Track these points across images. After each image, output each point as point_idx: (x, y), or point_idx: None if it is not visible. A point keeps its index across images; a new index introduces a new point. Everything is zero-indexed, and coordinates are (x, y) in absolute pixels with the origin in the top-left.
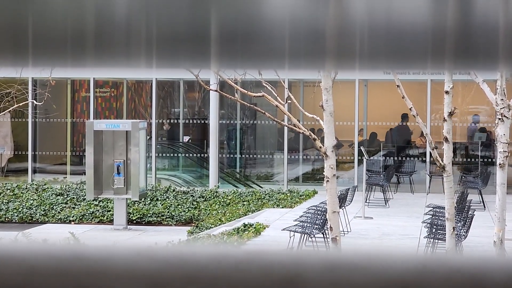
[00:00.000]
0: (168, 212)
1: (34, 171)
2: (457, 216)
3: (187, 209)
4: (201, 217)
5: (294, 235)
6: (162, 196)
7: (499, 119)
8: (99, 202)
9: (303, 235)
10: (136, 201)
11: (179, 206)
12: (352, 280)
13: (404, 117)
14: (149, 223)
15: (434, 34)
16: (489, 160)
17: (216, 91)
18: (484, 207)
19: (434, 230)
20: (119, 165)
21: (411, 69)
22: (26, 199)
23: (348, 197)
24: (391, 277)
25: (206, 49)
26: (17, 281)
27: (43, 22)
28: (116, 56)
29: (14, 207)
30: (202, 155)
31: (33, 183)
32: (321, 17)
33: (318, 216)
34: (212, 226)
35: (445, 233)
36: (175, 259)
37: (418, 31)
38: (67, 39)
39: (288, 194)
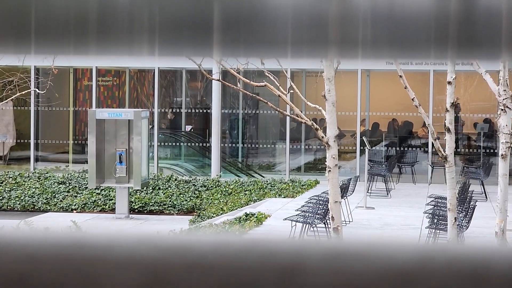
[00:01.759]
0: (170, 201)
1: (36, 160)
2: (458, 207)
3: (189, 198)
4: (203, 206)
5: (295, 225)
6: (164, 185)
7: (502, 110)
8: (101, 191)
9: (304, 225)
10: (138, 190)
11: (181, 195)
12: (353, 269)
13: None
14: (151, 212)
15: (437, 22)
16: (491, 150)
17: (218, 80)
18: (486, 197)
19: (435, 221)
20: (121, 154)
21: (414, 58)
22: (28, 187)
23: (350, 187)
24: (393, 266)
25: (208, 37)
26: (19, 269)
27: (45, 9)
28: (118, 44)
29: (16, 195)
30: (204, 144)
31: (35, 172)
32: (324, 5)
33: (320, 206)
34: (214, 215)
35: (447, 224)
36: (177, 248)
37: (421, 19)
38: (70, 26)
39: (290, 184)
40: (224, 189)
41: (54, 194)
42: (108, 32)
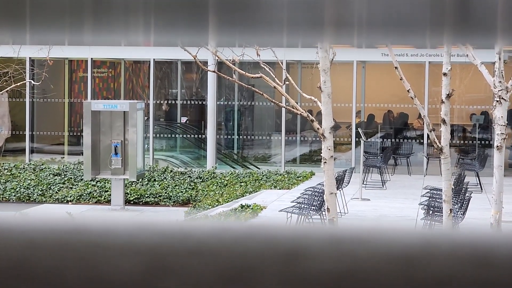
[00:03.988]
0: (165, 192)
1: (32, 151)
2: (454, 198)
3: (184, 190)
4: (199, 198)
5: (291, 216)
6: (160, 177)
7: (497, 101)
8: (96, 183)
9: (300, 216)
10: (133, 181)
11: (177, 186)
12: (356, 254)
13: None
14: (146, 204)
15: (433, 6)
16: (487, 142)
17: (214, 72)
18: (481, 189)
19: (431, 212)
20: (116, 146)
21: (410, 43)
22: (23, 179)
23: (345, 179)
24: (395, 251)
25: (203, 23)
26: (17, 255)
27: None
28: (113, 32)
29: (12, 187)
30: (200, 136)
31: (30, 163)
32: None
33: (315, 198)
34: (210, 207)
35: (442, 215)
36: (176, 233)
37: (417, 3)
38: (64, 13)
39: (286, 176)
40: (220, 181)
41: (49, 186)
42: (103, 20)
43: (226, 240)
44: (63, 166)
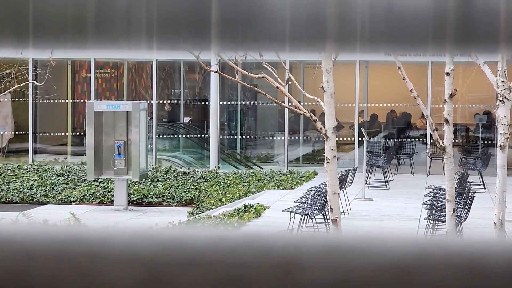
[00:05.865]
0: (168, 193)
1: (35, 152)
2: (457, 198)
3: (187, 190)
4: (202, 198)
5: (294, 216)
6: (163, 177)
7: (500, 101)
8: (99, 183)
9: (303, 216)
10: (136, 181)
11: (180, 187)
12: (351, 263)
13: None
14: (149, 204)
15: (435, 16)
16: (490, 141)
17: (216, 72)
18: (485, 188)
19: (434, 212)
20: (119, 146)
21: (412, 51)
22: (27, 179)
23: (348, 179)
24: (391, 260)
25: (207, 32)
26: (15, 265)
27: (43, 3)
28: (116, 38)
29: (15, 187)
30: (203, 136)
31: (33, 164)
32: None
33: (319, 197)
34: (213, 207)
35: (445, 215)
36: (174, 242)
37: (419, 12)
38: (68, 20)
39: (289, 175)
40: (223, 181)
41: (52, 186)
42: (106, 26)
43: (222, 249)
44: (66, 167)
